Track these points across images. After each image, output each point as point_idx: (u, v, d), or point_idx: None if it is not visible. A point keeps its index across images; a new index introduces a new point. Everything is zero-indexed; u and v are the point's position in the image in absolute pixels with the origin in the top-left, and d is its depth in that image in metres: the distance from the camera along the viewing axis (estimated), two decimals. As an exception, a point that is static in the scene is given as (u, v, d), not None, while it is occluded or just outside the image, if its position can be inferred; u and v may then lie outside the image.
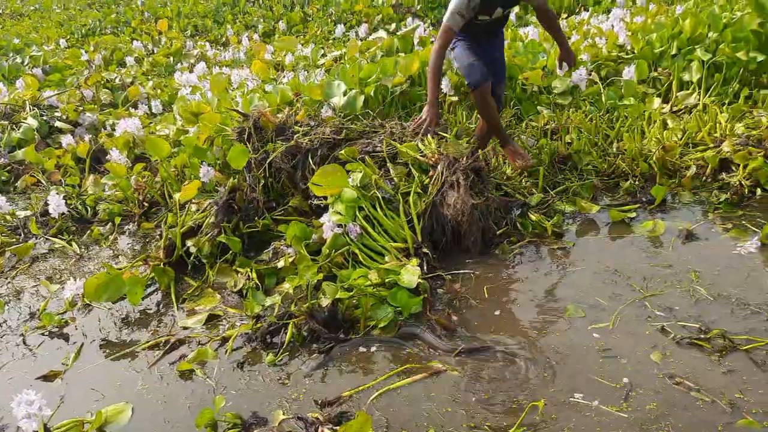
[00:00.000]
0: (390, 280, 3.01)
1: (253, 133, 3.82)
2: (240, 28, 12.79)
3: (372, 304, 2.92)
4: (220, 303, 3.25)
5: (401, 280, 2.98)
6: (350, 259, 3.29)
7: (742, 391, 2.23)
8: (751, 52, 5.05)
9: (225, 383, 2.62)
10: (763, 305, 2.71)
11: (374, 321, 2.85)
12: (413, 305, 2.92)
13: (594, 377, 2.38)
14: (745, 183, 3.77)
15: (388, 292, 2.95)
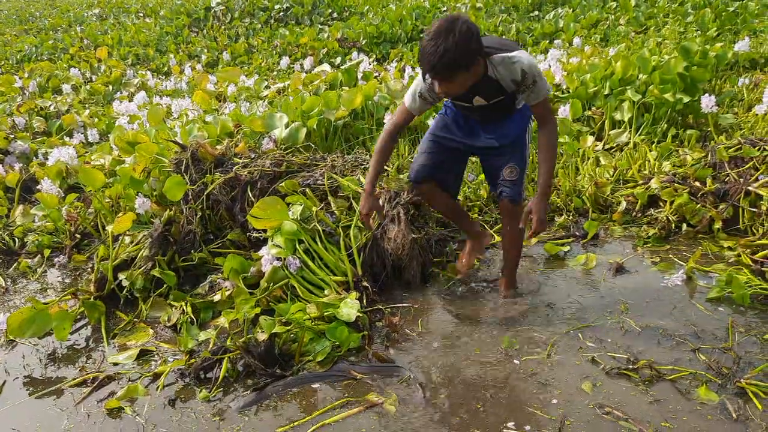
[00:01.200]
0: (329, 313, 2.99)
1: (191, 165, 3.77)
2: (183, 57, 12.67)
3: (310, 339, 2.89)
4: (153, 338, 3.15)
5: (340, 314, 2.96)
6: (289, 293, 3.25)
7: (667, 419, 2.30)
8: (678, 94, 5.33)
9: (155, 421, 2.53)
10: (687, 336, 2.82)
11: (310, 356, 2.81)
12: (352, 340, 2.90)
13: (527, 408, 2.41)
14: (672, 218, 3.93)
15: (327, 326, 2.93)
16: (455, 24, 2.42)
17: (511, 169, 3.04)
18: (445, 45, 2.40)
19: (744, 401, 2.37)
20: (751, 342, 2.75)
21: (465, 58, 2.46)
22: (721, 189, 3.91)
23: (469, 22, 2.46)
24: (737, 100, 6.06)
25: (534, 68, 2.64)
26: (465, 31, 2.42)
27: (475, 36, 2.47)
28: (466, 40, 2.42)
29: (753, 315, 2.97)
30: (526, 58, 2.64)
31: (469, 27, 2.44)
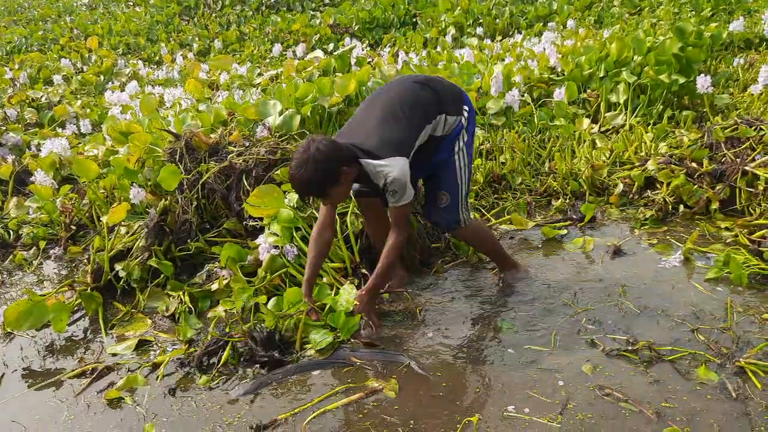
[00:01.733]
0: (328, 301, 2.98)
1: (185, 154, 3.74)
2: (174, 46, 12.58)
3: (311, 327, 2.88)
4: (151, 328, 3.14)
5: (338, 304, 2.94)
6: (287, 281, 3.24)
7: (667, 399, 2.30)
8: (673, 75, 5.32)
9: (156, 410, 2.52)
10: (686, 316, 2.82)
11: (311, 343, 2.81)
12: (352, 325, 2.90)
13: (527, 391, 2.42)
14: (669, 200, 3.93)
15: (326, 314, 2.92)
16: (308, 151, 2.58)
17: (440, 195, 2.99)
18: (305, 174, 2.59)
19: (743, 380, 2.38)
20: (749, 321, 2.76)
21: (327, 180, 2.62)
22: (717, 169, 3.91)
23: (323, 144, 2.59)
24: (733, 80, 6.05)
25: (397, 182, 2.66)
26: (319, 156, 2.57)
27: (331, 156, 2.60)
28: (322, 163, 2.58)
29: (751, 294, 2.97)
30: (394, 172, 2.64)
31: (320, 149, 2.58)
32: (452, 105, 2.89)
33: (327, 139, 2.65)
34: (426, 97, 2.84)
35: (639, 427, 2.17)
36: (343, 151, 2.66)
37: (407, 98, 2.81)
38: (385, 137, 2.72)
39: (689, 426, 2.16)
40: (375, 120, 2.78)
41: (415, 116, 2.79)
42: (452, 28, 10.95)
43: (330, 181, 2.64)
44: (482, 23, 11.02)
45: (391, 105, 2.80)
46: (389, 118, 2.76)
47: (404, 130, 2.76)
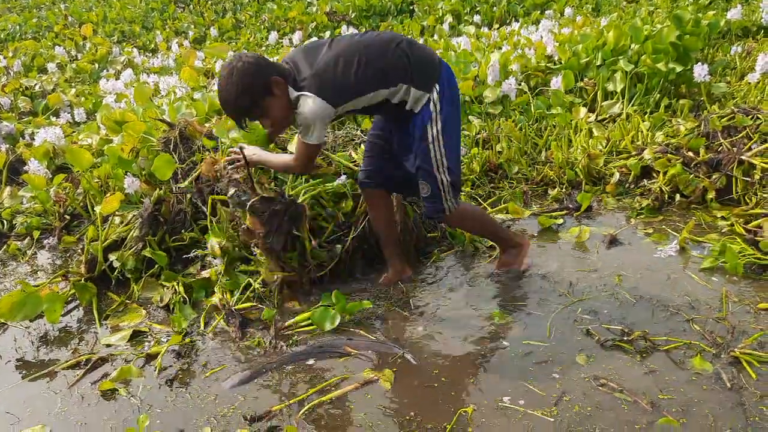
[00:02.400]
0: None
1: (180, 143, 3.71)
2: (169, 34, 12.49)
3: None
4: (146, 318, 3.13)
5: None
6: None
7: (662, 390, 2.30)
8: (671, 63, 5.28)
9: (150, 402, 2.51)
10: (681, 306, 2.82)
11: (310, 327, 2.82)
12: (356, 308, 2.93)
13: (522, 382, 2.41)
14: (665, 189, 3.92)
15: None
16: (232, 63, 2.50)
17: (421, 186, 2.84)
18: (231, 88, 2.49)
19: (738, 370, 2.38)
20: (744, 311, 2.76)
21: (256, 90, 2.51)
22: (714, 159, 3.90)
23: (250, 55, 2.51)
24: (730, 68, 6.02)
25: (301, 118, 2.59)
26: (244, 67, 2.48)
27: (259, 66, 2.50)
28: (250, 74, 2.48)
29: (746, 284, 2.97)
30: (303, 106, 2.56)
31: (246, 60, 2.49)
32: (421, 78, 2.66)
33: (255, 54, 2.56)
34: (393, 60, 2.62)
35: (634, 418, 2.17)
36: (273, 65, 2.56)
37: (373, 51, 2.63)
38: (320, 73, 2.56)
39: (684, 416, 2.16)
40: (327, 54, 2.60)
41: (370, 72, 2.59)
42: (449, 16, 10.88)
43: (259, 91, 2.51)
44: (479, 11, 10.95)
45: (353, 49, 2.61)
46: (341, 60, 2.57)
47: (346, 78, 2.57)
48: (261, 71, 2.50)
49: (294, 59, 2.65)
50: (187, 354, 2.80)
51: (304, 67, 2.59)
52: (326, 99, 2.56)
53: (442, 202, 2.86)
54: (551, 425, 2.17)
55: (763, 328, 2.61)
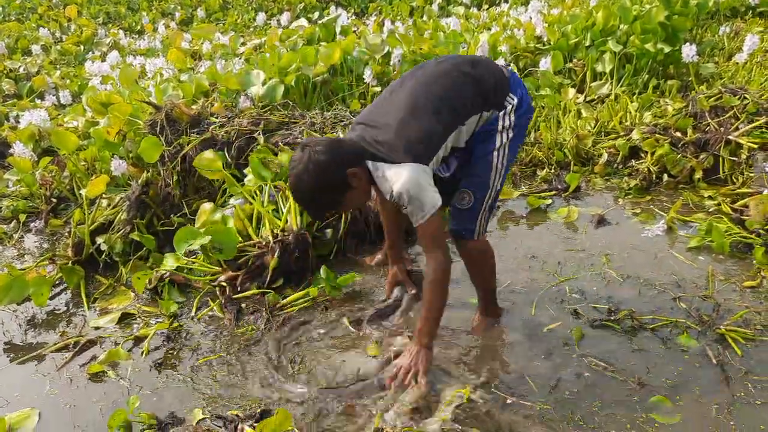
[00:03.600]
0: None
1: (166, 126, 3.68)
2: (156, 15, 12.32)
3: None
4: (134, 301, 3.12)
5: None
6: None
7: (649, 368, 2.33)
8: (659, 44, 5.28)
9: (140, 383, 2.51)
10: (667, 285, 2.84)
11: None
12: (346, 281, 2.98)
13: (511, 362, 2.43)
14: (653, 169, 3.94)
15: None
16: (303, 161, 2.14)
17: (462, 194, 2.39)
18: (306, 189, 2.18)
19: (723, 347, 2.41)
20: (730, 289, 2.79)
21: (335, 190, 2.20)
22: (701, 139, 3.91)
23: (320, 148, 2.14)
24: (718, 49, 6.03)
25: (405, 196, 2.12)
26: (317, 166, 2.13)
27: (333, 160, 2.14)
28: (324, 173, 2.14)
29: (732, 263, 3.00)
30: (398, 182, 2.13)
31: (317, 155, 2.13)
32: (490, 100, 2.31)
33: (324, 142, 2.20)
34: (466, 93, 2.28)
35: (623, 397, 2.20)
36: (346, 153, 2.20)
37: (445, 89, 2.27)
38: (404, 134, 2.19)
39: (672, 393, 2.19)
40: (401, 108, 2.25)
41: (448, 112, 2.25)
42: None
43: (338, 189, 2.20)
44: (469, -9, 10.86)
45: (423, 92, 2.27)
46: (416, 109, 2.23)
47: (431, 126, 2.22)
48: (337, 167, 2.15)
49: (362, 131, 2.29)
50: (176, 338, 2.80)
51: (378, 135, 2.23)
52: (421, 161, 2.17)
53: (476, 222, 2.42)
54: (544, 404, 2.19)
55: (749, 306, 2.64)
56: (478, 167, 2.37)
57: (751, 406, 2.12)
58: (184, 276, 3.13)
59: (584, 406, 2.18)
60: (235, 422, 2.24)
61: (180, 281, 3.14)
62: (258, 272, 3.04)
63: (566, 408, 2.18)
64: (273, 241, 3.04)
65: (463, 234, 2.44)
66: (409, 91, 2.28)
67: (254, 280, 3.02)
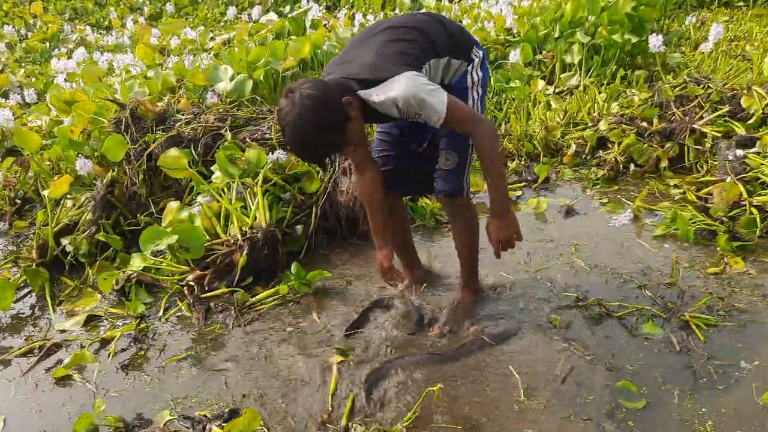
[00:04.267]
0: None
1: (131, 123, 3.63)
2: (124, 10, 12.13)
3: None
4: (101, 303, 3.07)
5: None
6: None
7: (614, 354, 2.36)
8: (626, 34, 5.33)
9: (107, 386, 2.48)
10: (633, 273, 2.88)
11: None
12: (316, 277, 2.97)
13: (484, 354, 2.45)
14: (620, 159, 3.98)
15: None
16: (295, 104, 2.03)
17: (447, 155, 2.42)
18: (307, 131, 2.05)
19: (687, 333, 2.45)
20: (694, 276, 2.83)
21: (335, 121, 2.09)
22: (667, 128, 3.97)
23: (307, 86, 2.05)
24: (684, 39, 6.11)
25: (411, 100, 2.07)
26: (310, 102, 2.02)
27: (324, 93, 2.06)
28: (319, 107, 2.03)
29: (697, 250, 3.05)
30: (397, 89, 2.07)
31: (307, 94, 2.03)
32: (460, 47, 2.32)
33: (310, 81, 2.11)
34: (434, 30, 2.27)
35: (591, 383, 2.22)
36: (335, 86, 2.13)
37: (415, 24, 2.28)
38: (385, 54, 2.17)
39: (637, 379, 2.22)
40: (375, 42, 2.23)
41: (423, 42, 2.23)
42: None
43: (339, 121, 2.10)
44: (440, -17, 10.86)
45: (395, 29, 2.27)
46: (394, 39, 2.22)
47: (412, 48, 2.20)
48: (332, 98, 2.07)
49: (341, 62, 2.26)
50: (144, 339, 2.77)
51: (357, 70, 2.17)
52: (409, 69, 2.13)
53: (463, 179, 2.48)
54: (509, 393, 2.21)
55: (712, 292, 2.69)
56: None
57: (713, 390, 2.16)
58: (151, 276, 3.09)
59: (557, 391, 2.20)
60: (203, 422, 2.22)
61: (147, 281, 3.10)
62: (227, 271, 3.02)
63: (531, 390, 2.20)
64: (241, 238, 3.01)
65: (453, 193, 2.48)
66: (378, 32, 2.27)
67: (223, 278, 3.00)
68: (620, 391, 2.17)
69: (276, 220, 3.20)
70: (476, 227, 2.62)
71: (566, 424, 2.06)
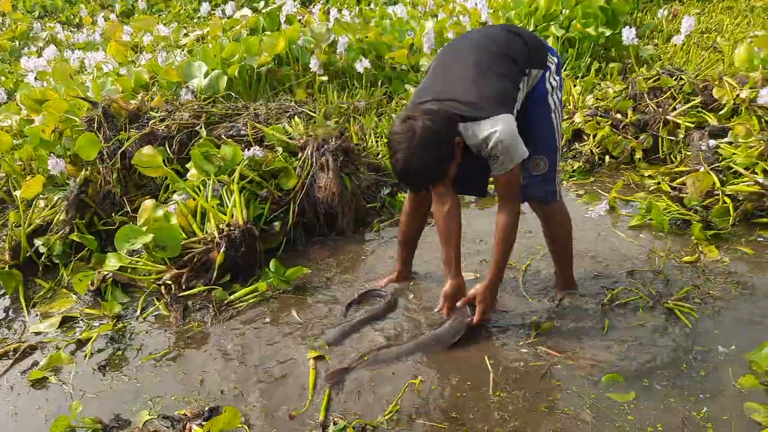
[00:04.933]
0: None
1: (104, 122, 3.57)
2: (95, 7, 11.94)
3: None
4: (77, 304, 3.03)
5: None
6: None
7: (596, 346, 2.38)
8: (600, 27, 5.38)
9: (84, 388, 2.45)
10: (611, 261, 2.91)
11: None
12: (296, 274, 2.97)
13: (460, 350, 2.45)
14: (596, 151, 4.02)
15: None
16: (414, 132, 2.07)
17: (536, 161, 2.42)
18: (419, 162, 2.09)
19: (669, 321, 2.48)
20: (670, 265, 2.87)
21: (444, 159, 2.16)
22: (641, 120, 4.01)
23: (429, 118, 2.09)
24: (657, 31, 6.18)
25: (505, 145, 2.15)
26: (430, 136, 2.08)
27: (442, 129, 2.12)
28: (436, 143, 2.09)
29: (672, 239, 3.09)
30: (499, 133, 2.14)
31: (428, 126, 2.08)
32: (538, 56, 2.37)
33: (430, 111, 2.14)
34: (518, 50, 2.32)
35: (575, 378, 2.23)
36: (449, 119, 2.16)
37: (499, 45, 2.32)
38: (484, 91, 2.22)
39: (624, 370, 2.24)
40: (468, 70, 2.27)
41: (510, 66, 2.29)
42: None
43: (447, 159, 2.17)
44: (415, -22, 10.85)
45: (483, 53, 2.31)
46: (484, 68, 2.26)
47: (504, 80, 2.26)
48: (448, 135, 2.14)
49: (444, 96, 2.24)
50: (121, 339, 2.73)
51: (460, 96, 2.21)
52: (510, 112, 2.22)
53: (555, 183, 2.51)
54: (486, 386, 2.22)
55: (688, 280, 2.73)
56: (543, 132, 2.41)
57: (692, 378, 2.19)
58: (127, 276, 3.05)
59: (540, 387, 2.21)
60: (183, 421, 2.20)
61: (123, 281, 3.06)
62: (204, 269, 2.99)
63: (510, 382, 2.21)
64: (218, 236, 2.99)
65: (547, 198, 2.52)
66: (466, 57, 2.31)
67: (200, 277, 2.97)
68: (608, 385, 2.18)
69: (253, 217, 3.18)
70: (570, 227, 2.66)
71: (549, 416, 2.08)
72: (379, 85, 5.42)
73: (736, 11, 7.07)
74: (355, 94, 5.27)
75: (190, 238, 3.08)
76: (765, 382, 2.12)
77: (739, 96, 3.78)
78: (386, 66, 5.55)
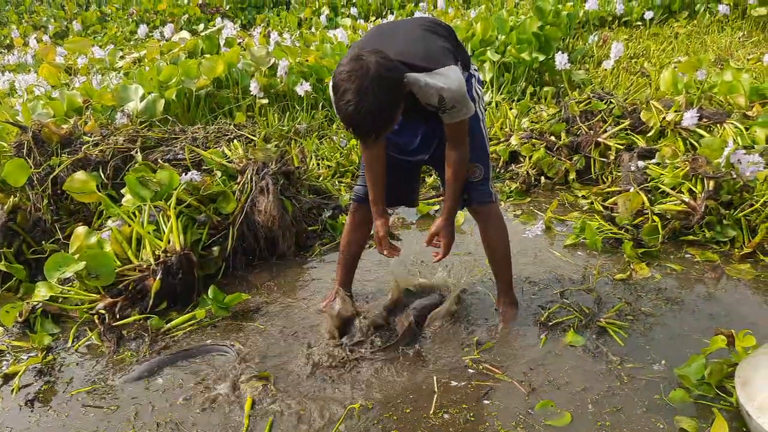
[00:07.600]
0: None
1: (34, 147, 3.45)
2: (27, 29, 11.61)
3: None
4: (3, 336, 2.89)
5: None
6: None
7: (533, 367, 2.42)
8: (534, 53, 5.57)
9: (10, 425, 2.32)
10: (548, 280, 2.98)
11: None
12: (234, 301, 2.92)
13: (396, 376, 2.46)
14: (531, 172, 4.13)
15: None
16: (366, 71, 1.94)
17: (473, 169, 2.51)
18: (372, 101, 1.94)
19: (601, 340, 2.54)
20: (603, 283, 2.96)
21: (396, 102, 2.05)
22: (574, 142, 4.15)
23: (378, 56, 1.99)
24: (588, 56, 6.42)
25: (456, 96, 2.15)
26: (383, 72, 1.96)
27: (394, 69, 2.03)
28: (388, 81, 1.98)
29: (605, 258, 3.19)
30: (449, 82, 2.13)
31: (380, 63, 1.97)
32: (463, 53, 2.38)
33: (376, 50, 2.02)
34: (446, 35, 2.32)
35: (513, 401, 2.26)
36: (399, 73, 2.07)
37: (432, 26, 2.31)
38: (432, 47, 2.19)
39: (557, 394, 2.27)
40: (411, 33, 2.25)
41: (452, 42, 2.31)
42: (326, 8, 10.86)
43: (398, 104, 2.06)
44: (356, 3, 11.01)
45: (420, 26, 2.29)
46: (428, 33, 2.25)
47: (449, 45, 2.25)
48: (400, 78, 2.05)
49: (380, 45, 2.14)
50: (50, 372, 2.62)
51: (405, 49, 2.15)
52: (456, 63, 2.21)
53: (490, 187, 2.61)
54: (426, 409, 2.23)
55: (621, 298, 2.81)
56: (475, 140, 2.45)
57: (626, 395, 2.24)
58: (58, 306, 2.93)
59: (478, 409, 2.23)
60: (115, 457, 2.12)
61: (54, 311, 2.94)
62: (140, 297, 2.91)
63: (446, 415, 2.22)
64: (154, 263, 2.91)
65: (486, 202, 2.61)
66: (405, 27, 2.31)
67: (136, 305, 2.89)
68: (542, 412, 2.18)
69: (191, 242, 3.12)
70: (506, 233, 2.73)
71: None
72: (320, 108, 5.44)
73: (661, 38, 7.44)
74: (296, 117, 5.27)
75: (125, 265, 2.99)
76: (694, 396, 2.19)
77: (665, 119, 3.97)
78: (327, 89, 5.57)
